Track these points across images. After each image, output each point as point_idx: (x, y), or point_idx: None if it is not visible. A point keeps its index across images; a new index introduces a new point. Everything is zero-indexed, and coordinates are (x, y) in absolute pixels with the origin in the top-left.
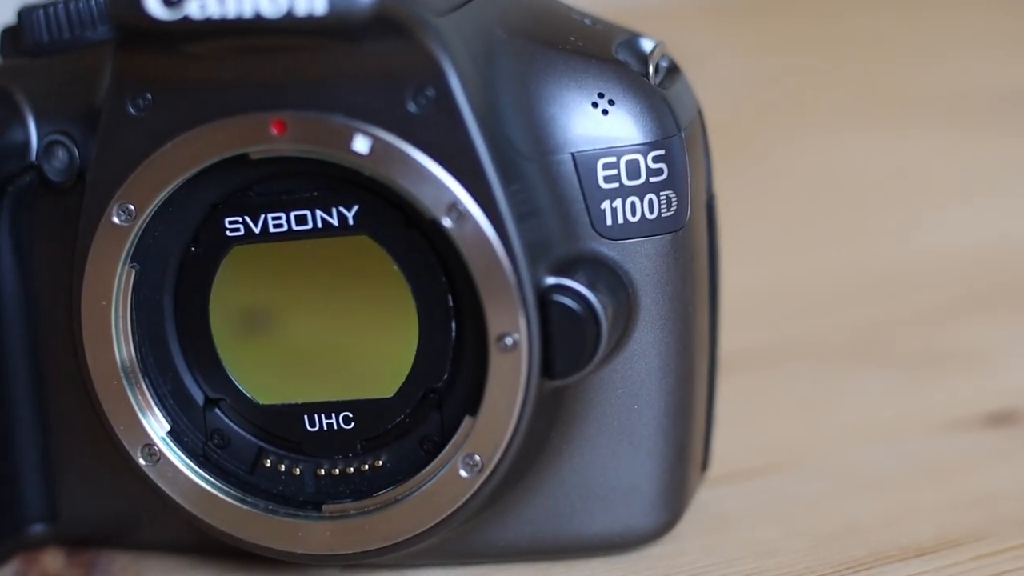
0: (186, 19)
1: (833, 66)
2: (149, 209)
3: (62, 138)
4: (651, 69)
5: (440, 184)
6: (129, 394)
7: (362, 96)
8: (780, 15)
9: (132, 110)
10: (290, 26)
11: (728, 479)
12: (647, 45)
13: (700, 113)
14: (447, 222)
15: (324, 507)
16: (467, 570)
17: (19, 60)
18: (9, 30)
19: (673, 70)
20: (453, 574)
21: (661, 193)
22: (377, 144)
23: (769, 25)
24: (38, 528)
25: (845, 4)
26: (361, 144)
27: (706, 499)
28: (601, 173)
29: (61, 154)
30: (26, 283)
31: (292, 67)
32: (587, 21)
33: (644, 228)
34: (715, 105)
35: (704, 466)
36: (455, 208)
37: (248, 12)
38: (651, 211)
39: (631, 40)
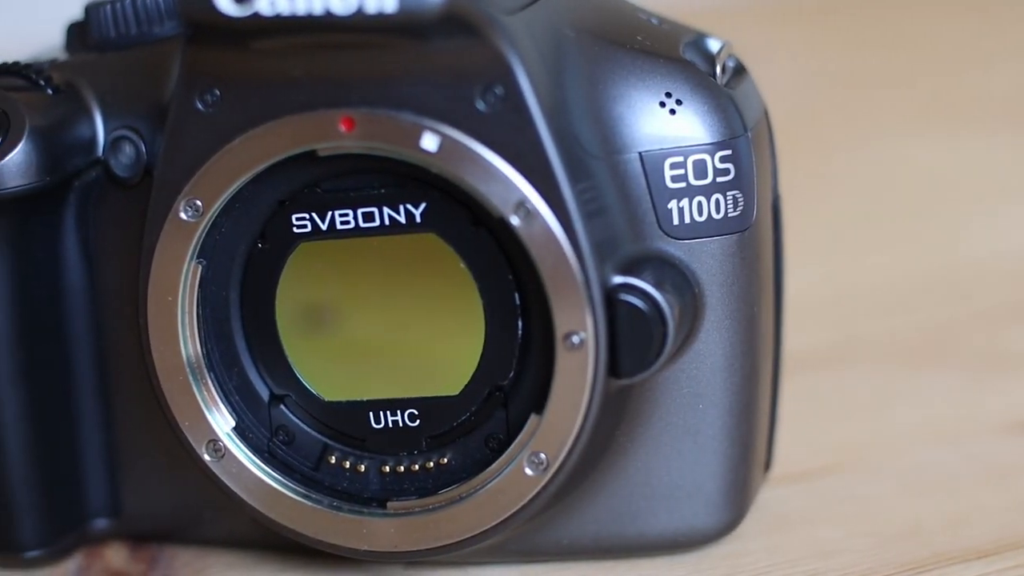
0: (256, 16)
1: (890, 68)
2: (216, 205)
3: (129, 133)
4: (718, 69)
5: (508, 182)
6: (195, 390)
7: (431, 94)
8: (837, 17)
9: (200, 106)
10: (360, 23)
11: (791, 479)
12: (714, 45)
13: (766, 113)
14: (515, 220)
15: (389, 504)
16: (530, 568)
17: (86, 56)
18: (76, 26)
19: (739, 70)
20: (516, 572)
21: (728, 193)
22: (446, 142)
23: (826, 27)
24: (101, 523)
25: (902, 6)
26: (430, 142)
27: (769, 499)
28: (668, 173)
29: (128, 149)
30: (92, 278)
31: (361, 64)
32: (654, 21)
33: (711, 228)
34: (773, 106)
35: (767, 466)
36: (523, 206)
37: (318, 9)
38: (718, 211)
39: (698, 40)
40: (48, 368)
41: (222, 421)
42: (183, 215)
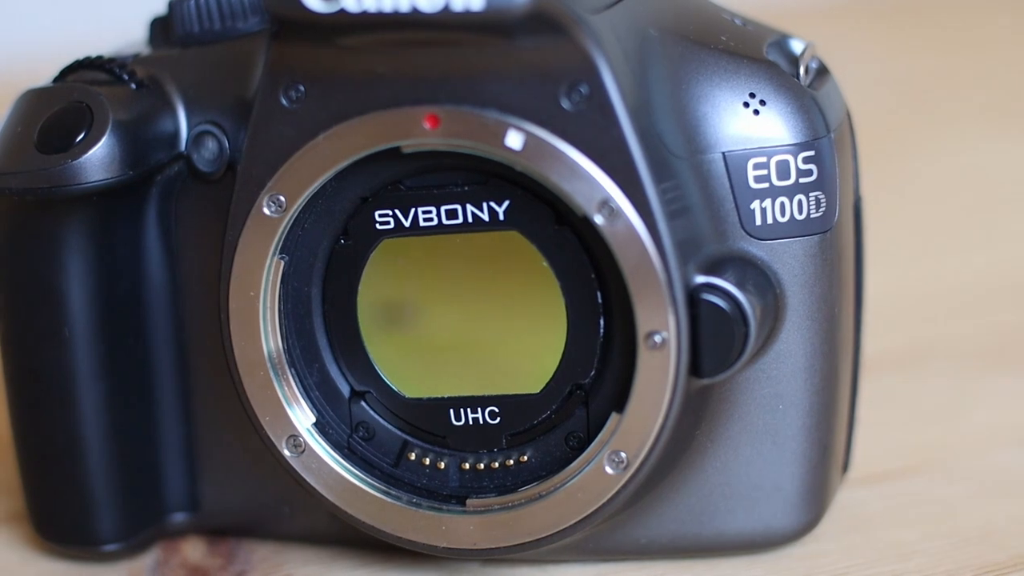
0: (342, 12)
1: (970, 69)
2: (300, 201)
3: (212, 128)
4: (801, 70)
5: (592, 181)
6: (276, 385)
7: (516, 92)
8: (916, 17)
9: (285, 102)
10: (446, 21)
11: (868, 480)
12: (797, 46)
13: (848, 115)
14: (599, 219)
15: (468, 501)
16: (607, 567)
17: (169, 51)
18: (159, 21)
19: (822, 71)
20: (594, 571)
21: (810, 194)
22: (530, 140)
23: (905, 27)
24: (179, 517)
25: (981, 6)
26: (514, 140)
27: (846, 500)
28: (751, 173)
29: (211, 144)
30: (173, 272)
31: (446, 62)
32: (737, 21)
33: (793, 228)
34: (853, 107)
35: (845, 467)
36: (607, 205)
37: (405, 6)
38: (800, 212)
39: (781, 41)
40: (128, 362)
41: (303, 417)
42: (266, 210)
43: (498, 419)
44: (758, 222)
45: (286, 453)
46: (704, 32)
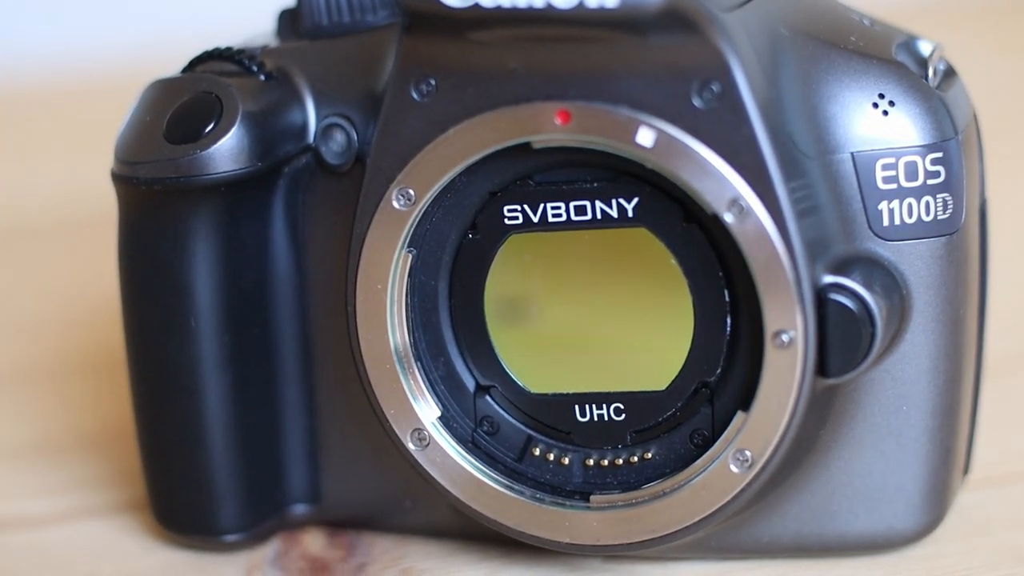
0: (476, 7)
1: None
2: (429, 195)
3: (341, 121)
4: (930, 71)
5: (723, 179)
6: (402, 378)
7: (647, 89)
8: None
9: (416, 95)
10: (580, 17)
11: (989, 483)
12: (926, 48)
13: (975, 116)
14: (728, 217)
15: (592, 497)
16: (728, 565)
17: (297, 43)
18: (287, 13)
19: (950, 73)
20: (714, 569)
21: (938, 196)
22: (661, 137)
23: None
24: (300, 508)
25: None
26: (645, 137)
27: (967, 502)
28: (880, 174)
29: (339, 137)
30: (299, 264)
31: (578, 58)
32: (866, 22)
33: (920, 230)
34: (979, 108)
35: (966, 469)
36: (737, 203)
37: (539, 2)
38: (927, 213)
39: (909, 42)
40: (253, 353)
41: (428, 410)
42: (395, 204)
43: (623, 416)
44: (885, 223)
45: (410, 446)
46: (834, 32)
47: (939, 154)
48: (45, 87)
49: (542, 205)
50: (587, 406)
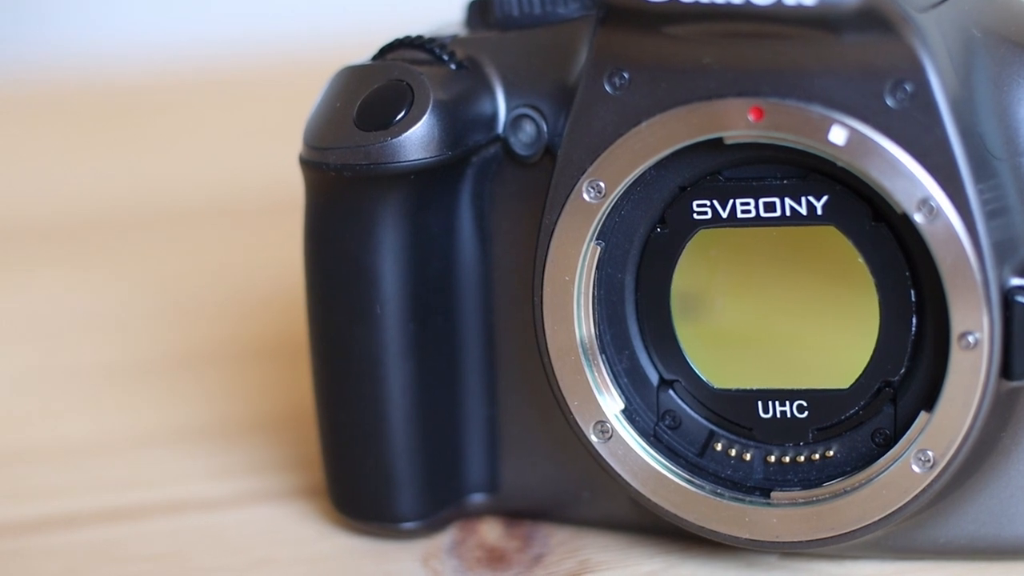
0: (675, 2)
1: None
2: (619, 188)
3: (530, 112)
4: None
5: (914, 179)
6: (586, 371)
7: (840, 88)
8: None
9: (609, 88)
10: (777, 14)
11: None
12: None
13: None
14: (918, 217)
15: (772, 494)
16: (904, 565)
17: (487, 33)
18: (477, 3)
19: None
20: (891, 568)
21: None
22: (853, 136)
23: None
24: (478, 497)
25: None
26: (838, 135)
27: None
28: None
29: (528, 128)
30: (485, 254)
31: (773, 55)
32: None
33: None
34: None
35: None
36: (927, 204)
37: None
38: None
39: None
40: (437, 342)
41: (611, 403)
42: (585, 196)
43: (806, 413)
44: None
45: (593, 439)
46: None
47: None
48: (230, 73)
49: (731, 201)
50: (770, 402)
